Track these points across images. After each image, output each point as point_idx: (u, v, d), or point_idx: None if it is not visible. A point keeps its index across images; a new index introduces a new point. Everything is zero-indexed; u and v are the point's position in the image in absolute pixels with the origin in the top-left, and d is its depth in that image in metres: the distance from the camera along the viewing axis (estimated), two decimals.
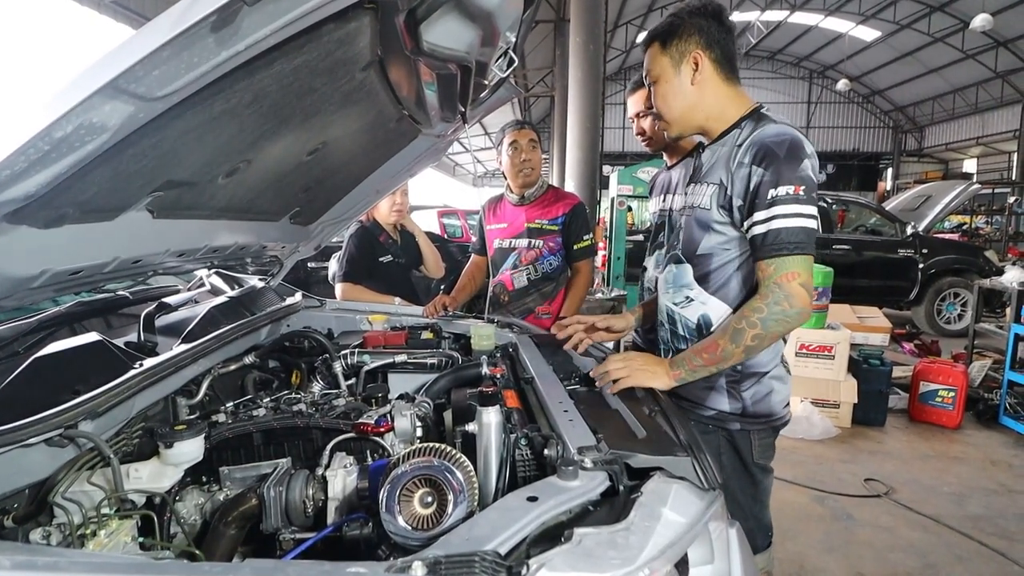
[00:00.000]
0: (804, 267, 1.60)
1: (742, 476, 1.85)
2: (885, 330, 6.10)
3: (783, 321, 1.61)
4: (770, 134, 1.64)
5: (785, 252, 1.59)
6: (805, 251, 1.60)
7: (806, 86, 32.79)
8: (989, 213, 18.81)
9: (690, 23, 1.75)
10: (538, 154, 3.25)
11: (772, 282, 1.62)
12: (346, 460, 1.53)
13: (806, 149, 1.63)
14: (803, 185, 1.59)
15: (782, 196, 1.59)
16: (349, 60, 1.41)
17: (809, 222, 1.60)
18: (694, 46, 1.75)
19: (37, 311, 2.03)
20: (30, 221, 1.08)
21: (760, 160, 1.62)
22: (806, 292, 1.60)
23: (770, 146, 1.62)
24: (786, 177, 1.59)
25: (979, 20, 16.92)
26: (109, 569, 0.76)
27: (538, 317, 3.24)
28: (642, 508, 1.06)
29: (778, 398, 1.84)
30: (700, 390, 1.84)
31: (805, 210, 1.59)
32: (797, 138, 1.63)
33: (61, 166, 0.86)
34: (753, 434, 1.83)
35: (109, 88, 0.77)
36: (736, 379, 1.81)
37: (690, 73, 1.77)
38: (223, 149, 1.42)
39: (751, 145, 1.66)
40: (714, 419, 1.84)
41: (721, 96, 1.79)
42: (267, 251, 2.57)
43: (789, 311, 1.59)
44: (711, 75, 1.77)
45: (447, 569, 0.83)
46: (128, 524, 1.22)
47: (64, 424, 1.22)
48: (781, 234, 1.59)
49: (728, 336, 1.66)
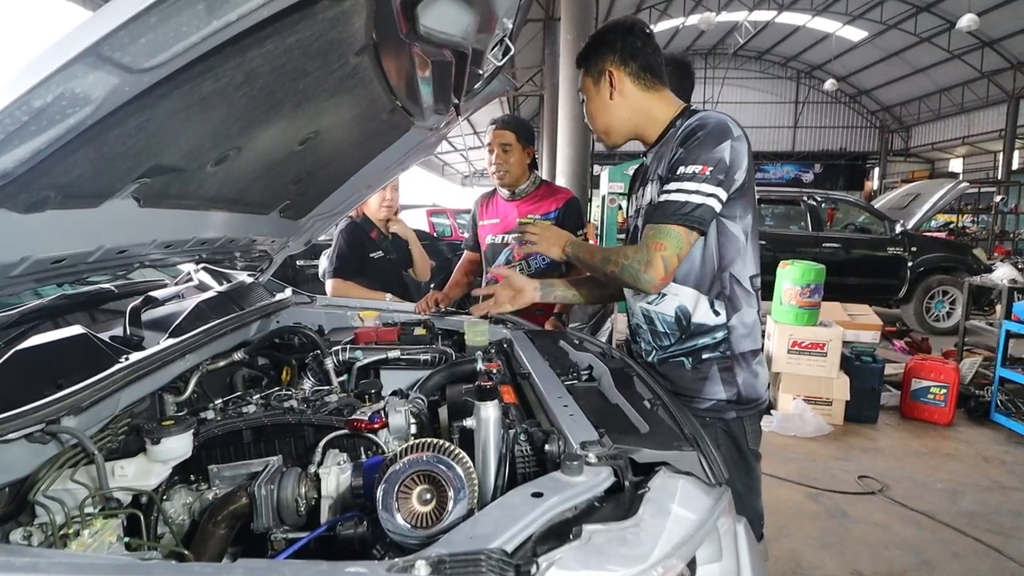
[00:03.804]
0: (673, 241, 1.69)
1: (739, 466, 1.85)
2: (876, 327, 6.10)
3: (633, 278, 1.75)
4: (698, 119, 1.73)
5: (668, 221, 1.68)
6: (684, 223, 1.67)
7: (793, 86, 32.93)
8: (975, 212, 18.96)
9: (604, 42, 1.86)
10: (514, 155, 3.15)
11: (645, 243, 1.73)
12: (340, 457, 1.49)
13: (730, 132, 1.69)
14: (711, 166, 1.66)
15: (687, 174, 1.68)
16: (343, 42, 1.37)
17: (705, 199, 1.67)
18: (608, 64, 1.85)
19: (18, 304, 1.97)
20: (9, 204, 1.03)
21: (683, 140, 1.71)
22: (663, 266, 1.70)
23: (694, 128, 1.70)
24: (695, 157, 1.68)
25: (965, 20, 17.00)
26: (93, 570, 0.72)
27: (532, 314, 3.20)
28: (651, 504, 1.02)
29: (762, 380, 1.90)
30: (694, 382, 1.85)
31: (704, 188, 1.67)
32: (722, 121, 1.71)
33: (41, 140, 0.81)
34: (746, 420, 1.86)
35: (92, 55, 0.72)
36: (728, 365, 1.83)
37: (607, 89, 1.87)
38: (212, 134, 1.37)
39: (682, 130, 1.74)
40: (711, 410, 1.84)
41: (647, 104, 1.88)
42: (256, 245, 2.52)
43: (641, 275, 1.72)
44: (631, 87, 1.86)
45: (452, 568, 0.79)
46: (113, 524, 1.17)
47: (46, 419, 1.17)
48: (672, 205, 1.69)
49: (601, 256, 1.88)
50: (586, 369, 1.88)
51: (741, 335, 1.82)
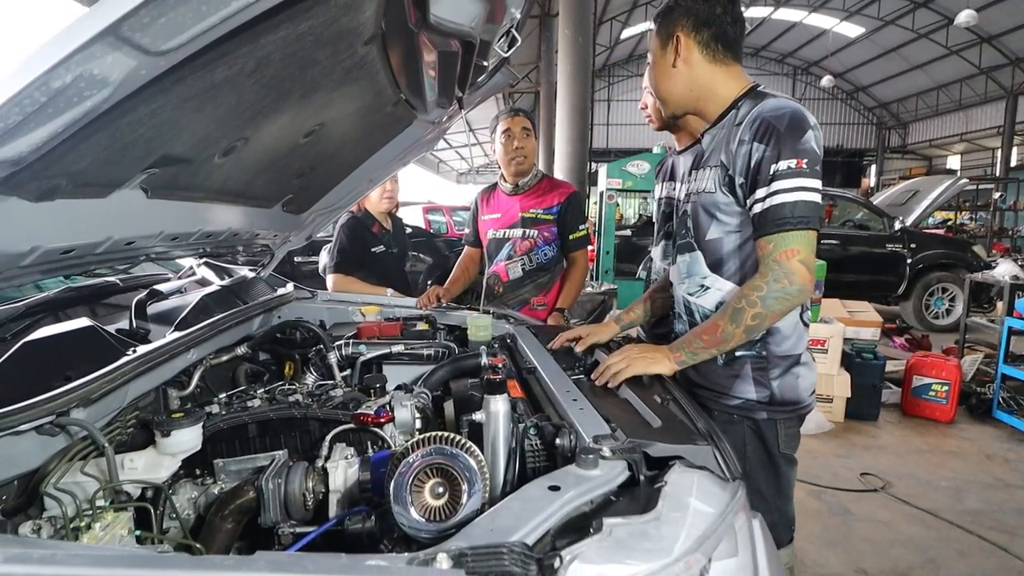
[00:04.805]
0: (805, 243, 1.56)
1: (767, 467, 1.78)
2: (876, 324, 6.08)
3: (783, 299, 1.57)
4: (769, 108, 1.60)
5: (788, 227, 1.55)
6: (808, 226, 1.56)
7: (790, 83, 32.90)
8: (974, 209, 18.97)
9: (680, 4, 1.73)
10: (531, 142, 3.21)
11: (771, 259, 1.57)
12: (347, 451, 1.48)
13: (808, 121, 1.59)
14: (805, 158, 1.55)
15: (783, 171, 1.54)
16: (353, 31, 1.36)
17: (812, 196, 1.55)
18: (679, 28, 1.72)
19: (23, 297, 1.96)
20: (21, 192, 1.01)
21: (761, 136, 1.58)
22: (806, 269, 1.56)
23: (770, 120, 1.58)
24: (787, 151, 1.55)
25: (963, 16, 16.97)
26: (110, 563, 0.70)
27: (533, 308, 3.19)
28: (669, 498, 1.01)
29: (805, 384, 1.78)
30: (725, 378, 1.77)
31: (808, 183, 1.55)
32: (798, 110, 1.60)
33: (58, 123, 0.79)
34: (780, 423, 1.76)
35: (111, 34, 0.70)
36: (763, 366, 1.74)
37: (672, 55, 1.75)
38: (221, 123, 1.36)
39: (751, 122, 1.61)
40: (740, 408, 1.76)
41: (712, 77, 1.75)
42: (258, 240, 2.51)
43: (789, 288, 1.55)
44: (698, 57, 1.73)
45: (474, 562, 0.78)
46: (124, 517, 1.16)
47: (55, 411, 1.16)
48: (784, 209, 1.55)
49: (728, 316, 1.62)
50: (592, 363, 1.87)
51: (782, 337, 1.73)
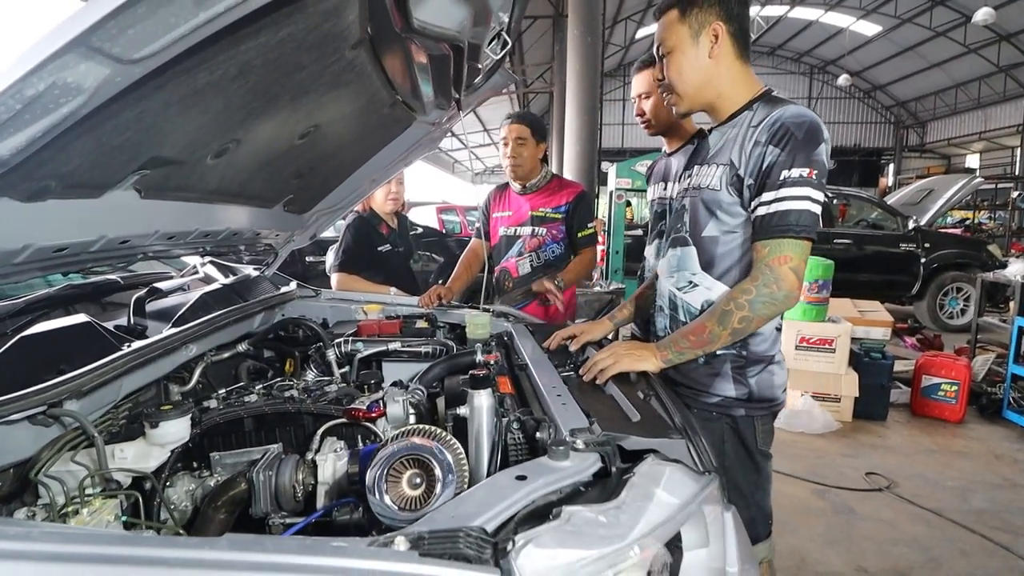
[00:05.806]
0: (798, 251, 1.59)
1: (746, 463, 1.82)
2: (887, 324, 6.04)
3: (770, 304, 1.59)
4: (790, 115, 1.61)
5: (790, 234, 1.57)
6: (806, 235, 1.58)
7: (807, 81, 32.71)
8: (992, 208, 18.73)
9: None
10: (527, 149, 3.21)
11: (764, 264, 1.60)
12: (336, 445, 1.52)
13: (824, 134, 1.60)
14: (816, 170, 1.57)
15: (794, 178, 1.56)
16: (337, 36, 1.39)
17: (815, 207, 1.58)
18: (714, 17, 1.69)
19: (24, 293, 2.01)
20: (10, 193, 1.06)
21: (778, 140, 1.59)
22: (795, 277, 1.59)
23: (789, 127, 1.58)
24: (801, 159, 1.56)
25: (981, 14, 16.80)
26: (81, 540, 0.74)
27: (542, 303, 3.22)
28: (634, 488, 1.03)
29: (779, 381, 1.82)
30: (705, 376, 1.80)
31: (814, 194, 1.57)
32: (816, 122, 1.60)
33: (36, 129, 0.83)
34: (757, 419, 1.80)
35: (82, 45, 0.74)
36: (741, 365, 1.77)
37: (708, 45, 1.71)
38: (209, 126, 1.40)
39: (770, 125, 1.61)
40: (718, 406, 1.80)
41: (735, 74, 1.75)
42: (261, 239, 2.55)
43: (777, 294, 1.58)
44: (728, 50, 1.72)
45: (431, 544, 0.81)
46: (111, 504, 1.20)
47: (48, 401, 1.20)
48: (790, 216, 1.57)
49: (716, 318, 1.65)
50: (584, 360, 1.90)
51: (761, 339, 1.77)
